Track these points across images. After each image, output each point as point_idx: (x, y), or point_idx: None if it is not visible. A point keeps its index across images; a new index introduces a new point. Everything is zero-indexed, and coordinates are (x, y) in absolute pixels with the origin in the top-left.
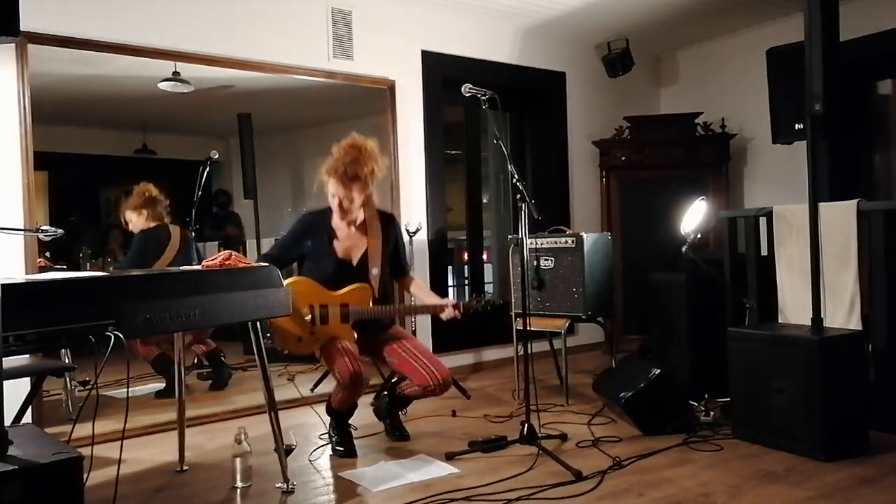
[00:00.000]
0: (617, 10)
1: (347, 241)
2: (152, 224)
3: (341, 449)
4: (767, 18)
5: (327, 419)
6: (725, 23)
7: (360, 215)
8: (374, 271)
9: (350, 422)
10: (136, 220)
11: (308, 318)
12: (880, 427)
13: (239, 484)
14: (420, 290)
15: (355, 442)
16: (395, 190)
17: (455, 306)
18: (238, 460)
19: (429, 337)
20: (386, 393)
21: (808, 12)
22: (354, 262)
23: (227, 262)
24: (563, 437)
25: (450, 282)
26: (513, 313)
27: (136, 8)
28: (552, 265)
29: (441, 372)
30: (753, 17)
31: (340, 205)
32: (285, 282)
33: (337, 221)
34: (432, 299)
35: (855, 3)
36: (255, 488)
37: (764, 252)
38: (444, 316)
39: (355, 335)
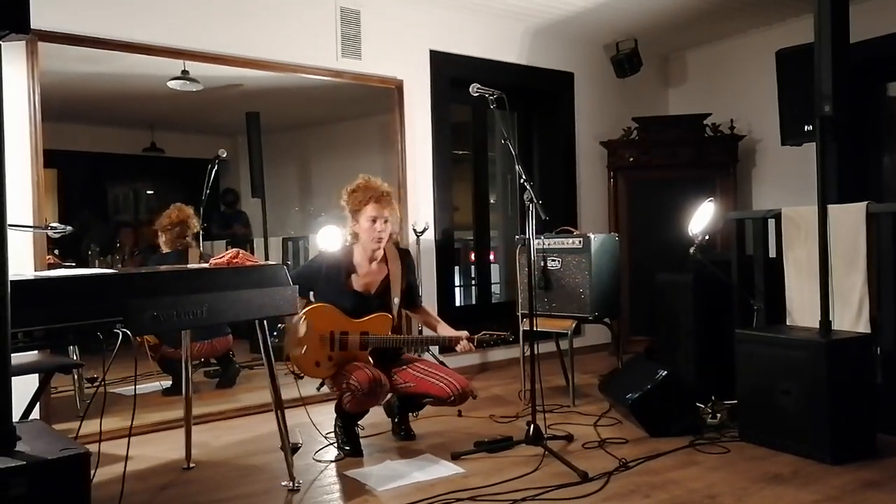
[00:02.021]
0: (625, 10)
1: (367, 276)
2: (167, 249)
3: (347, 448)
4: (777, 20)
5: (332, 418)
6: (735, 23)
7: (380, 252)
8: (396, 300)
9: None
10: (162, 241)
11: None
12: (888, 430)
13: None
14: (434, 319)
15: (361, 441)
16: (402, 189)
17: (469, 339)
18: None
19: None
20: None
21: (818, 14)
22: (374, 293)
23: (234, 261)
24: (569, 438)
25: (456, 282)
26: (519, 314)
27: (145, 6)
28: (559, 266)
29: (460, 381)
30: (763, 18)
31: (374, 224)
32: (307, 308)
33: (359, 258)
34: (447, 331)
35: (865, 5)
36: (261, 486)
37: (772, 254)
38: (459, 349)
39: (371, 361)
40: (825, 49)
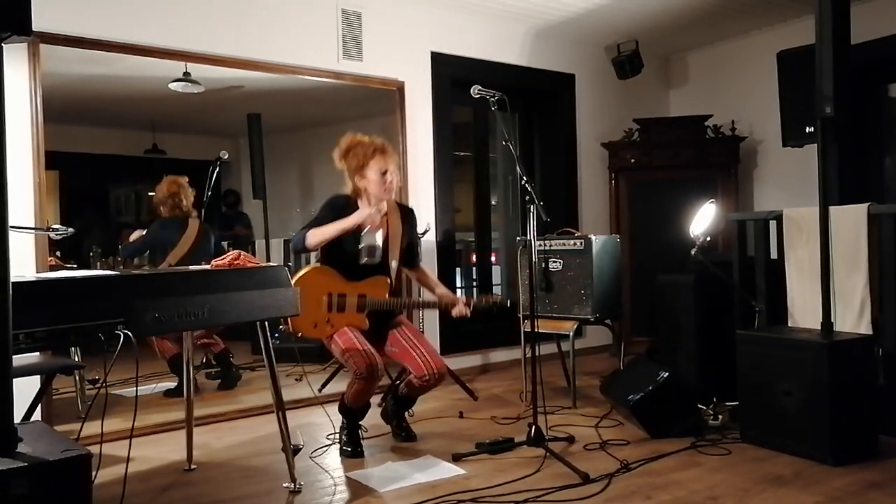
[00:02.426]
0: (626, 11)
1: (368, 230)
2: (169, 215)
3: (349, 449)
4: (778, 21)
5: (336, 419)
6: (736, 25)
7: (384, 205)
8: (394, 264)
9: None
10: (161, 212)
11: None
12: (889, 431)
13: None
14: (432, 281)
15: (363, 442)
16: (403, 190)
17: (466, 303)
18: None
19: (437, 337)
20: (391, 396)
21: (819, 15)
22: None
23: (235, 262)
24: (571, 440)
25: (458, 283)
26: (521, 315)
27: (147, 8)
28: (560, 267)
29: (436, 363)
30: (764, 20)
31: (385, 176)
32: (307, 268)
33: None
34: (444, 293)
35: (866, 6)
36: (263, 487)
37: (773, 255)
38: (455, 312)
39: (368, 323)
40: (826, 50)
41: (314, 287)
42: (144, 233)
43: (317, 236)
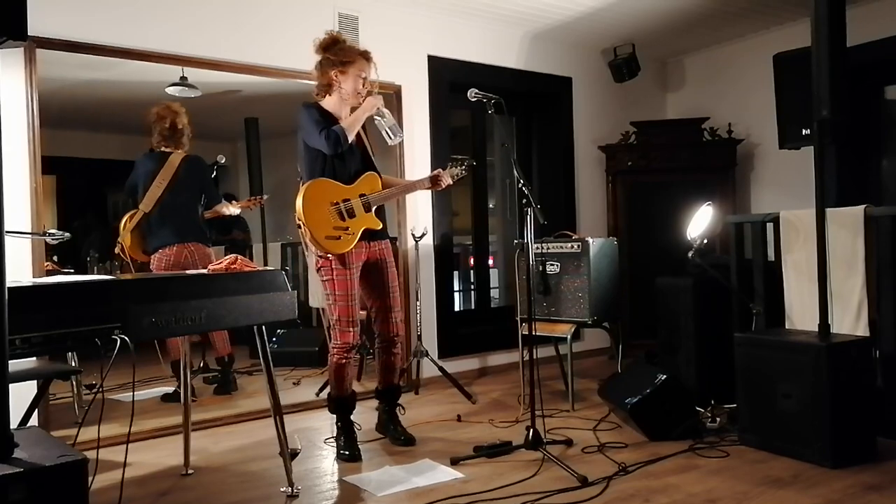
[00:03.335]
0: (623, 15)
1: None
2: (156, 147)
3: (346, 453)
4: (774, 24)
5: (331, 425)
6: (732, 28)
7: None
8: (373, 157)
9: (354, 420)
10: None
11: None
12: (888, 433)
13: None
14: (394, 178)
15: (360, 446)
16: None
17: (439, 175)
18: None
19: (434, 342)
20: (378, 402)
21: (816, 17)
22: (356, 144)
23: (232, 266)
24: (569, 443)
25: (455, 286)
26: (518, 318)
27: (143, 13)
28: (558, 270)
29: (396, 329)
30: (760, 23)
31: (363, 81)
32: (303, 189)
33: (335, 110)
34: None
35: (862, 8)
36: (260, 492)
37: (771, 257)
38: (443, 183)
39: (380, 223)
40: (822, 53)
41: (319, 201)
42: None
43: (350, 128)
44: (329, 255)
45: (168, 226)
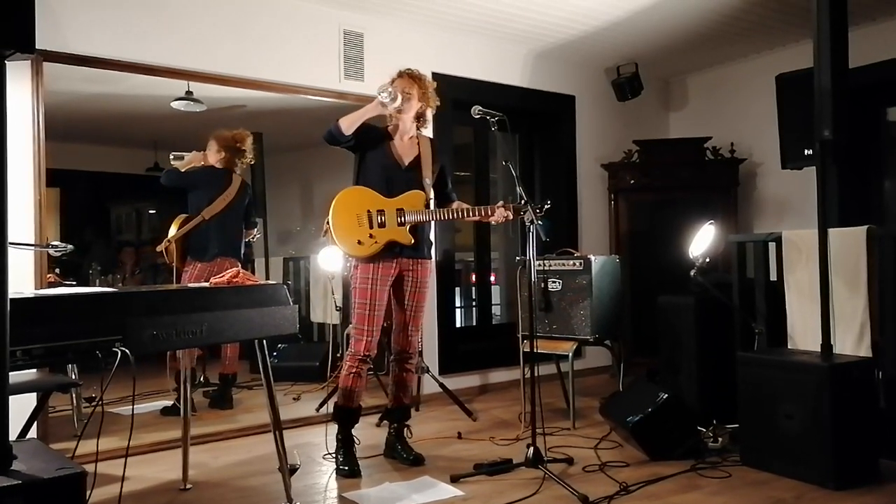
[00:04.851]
0: (627, 34)
1: (400, 148)
2: (220, 167)
3: (346, 468)
4: (777, 44)
5: (331, 440)
6: (735, 48)
7: (412, 129)
8: (427, 181)
9: (354, 434)
10: (211, 156)
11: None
12: (890, 455)
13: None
14: (464, 204)
15: (360, 462)
16: None
17: (505, 207)
18: None
19: (435, 358)
20: (386, 423)
21: (818, 39)
22: (405, 166)
23: (234, 280)
24: (570, 461)
25: (457, 303)
26: (520, 335)
27: (150, 27)
28: (560, 287)
29: (411, 346)
30: (764, 43)
31: (405, 98)
32: (342, 192)
33: (392, 129)
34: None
35: (865, 30)
36: None
37: (773, 277)
38: (494, 220)
39: (412, 239)
40: (825, 74)
41: (352, 205)
42: (193, 156)
43: (345, 120)
44: (356, 263)
45: (219, 239)
